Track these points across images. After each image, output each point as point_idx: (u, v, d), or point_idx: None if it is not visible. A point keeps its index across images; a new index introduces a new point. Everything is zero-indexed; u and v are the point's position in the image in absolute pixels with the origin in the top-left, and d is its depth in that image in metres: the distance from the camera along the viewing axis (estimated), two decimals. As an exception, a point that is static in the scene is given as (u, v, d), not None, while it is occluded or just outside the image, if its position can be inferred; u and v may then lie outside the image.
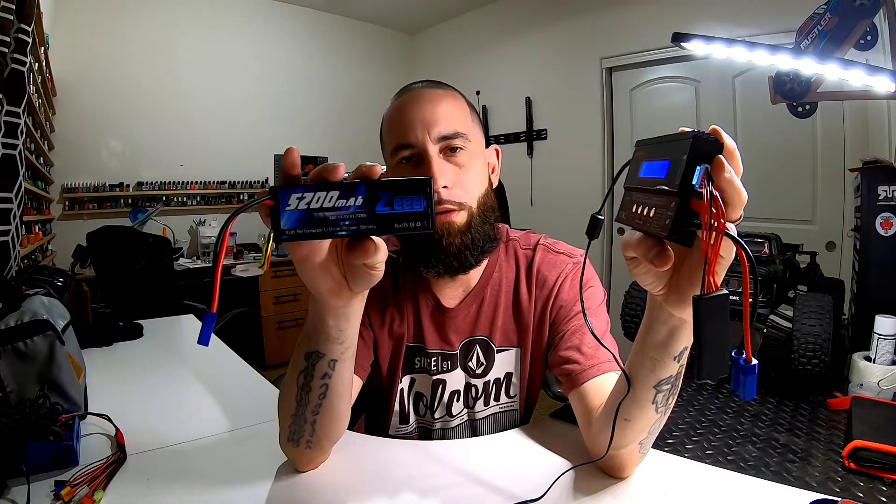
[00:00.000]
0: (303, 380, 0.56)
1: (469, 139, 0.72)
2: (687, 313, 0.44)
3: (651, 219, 0.39)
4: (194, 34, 3.63)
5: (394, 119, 0.74)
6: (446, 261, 0.72)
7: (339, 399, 0.59)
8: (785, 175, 2.60)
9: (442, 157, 0.70)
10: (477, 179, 0.73)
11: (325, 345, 0.53)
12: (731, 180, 0.35)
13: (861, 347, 0.98)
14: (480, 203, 0.73)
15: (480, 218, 0.73)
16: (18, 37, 1.30)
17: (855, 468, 0.68)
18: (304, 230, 0.41)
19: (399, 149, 0.72)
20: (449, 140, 0.71)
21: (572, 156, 3.49)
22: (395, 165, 0.73)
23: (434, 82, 0.77)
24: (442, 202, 0.69)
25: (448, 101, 0.73)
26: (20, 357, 0.75)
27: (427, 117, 0.70)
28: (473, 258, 0.73)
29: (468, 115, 0.75)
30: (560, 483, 0.61)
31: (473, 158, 0.73)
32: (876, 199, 1.10)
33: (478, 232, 0.72)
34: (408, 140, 0.70)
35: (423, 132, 0.70)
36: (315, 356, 0.54)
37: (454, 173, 0.71)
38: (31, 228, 2.22)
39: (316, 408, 0.57)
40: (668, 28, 1.21)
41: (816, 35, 1.38)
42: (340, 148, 4.09)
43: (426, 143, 0.70)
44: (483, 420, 0.83)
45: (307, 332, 0.54)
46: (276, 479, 0.64)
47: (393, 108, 0.75)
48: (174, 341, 1.41)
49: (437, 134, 0.70)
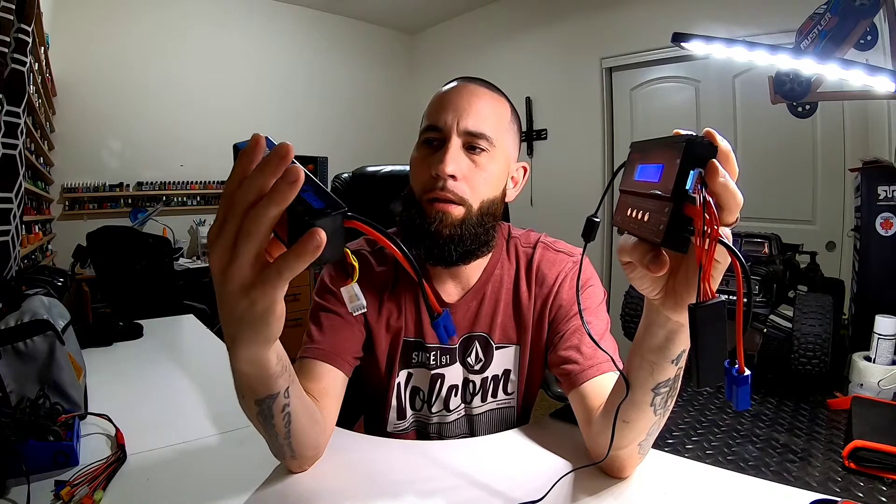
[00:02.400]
0: (263, 420, 0.54)
1: (494, 145, 0.73)
2: (684, 317, 0.43)
3: (645, 224, 0.39)
4: (194, 34, 3.63)
5: (434, 101, 0.76)
6: (429, 246, 0.72)
7: (306, 416, 0.59)
8: (785, 175, 2.60)
9: (461, 150, 0.72)
10: (487, 183, 0.73)
11: (273, 384, 0.50)
12: (726, 184, 0.35)
13: (861, 347, 0.98)
14: (483, 206, 0.73)
15: (477, 220, 0.73)
16: (18, 37, 1.30)
17: (855, 468, 0.68)
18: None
19: (427, 129, 0.74)
20: (473, 138, 0.72)
21: (572, 156, 3.49)
22: (417, 146, 0.76)
23: (487, 83, 0.78)
24: (445, 190, 0.70)
25: (488, 102, 0.74)
26: (20, 357, 0.75)
27: (461, 108, 0.72)
28: (457, 254, 0.73)
29: (504, 124, 0.76)
30: (560, 483, 0.61)
31: (492, 163, 0.73)
32: (876, 199, 1.10)
33: (469, 231, 0.72)
34: (437, 123, 0.72)
35: (453, 120, 0.71)
36: (268, 400, 0.52)
37: (467, 168, 0.72)
38: (31, 228, 2.22)
39: (287, 434, 0.57)
40: (668, 28, 1.21)
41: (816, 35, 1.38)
42: (340, 148, 4.09)
43: (451, 131, 0.71)
44: (480, 416, 0.84)
45: (248, 386, 0.50)
46: (275, 479, 0.64)
47: (439, 92, 0.77)
48: (174, 341, 1.41)
49: (464, 127, 0.71)
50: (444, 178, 0.70)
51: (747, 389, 0.36)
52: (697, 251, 0.35)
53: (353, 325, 0.76)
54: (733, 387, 0.36)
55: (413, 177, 0.75)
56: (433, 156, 0.72)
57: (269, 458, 0.64)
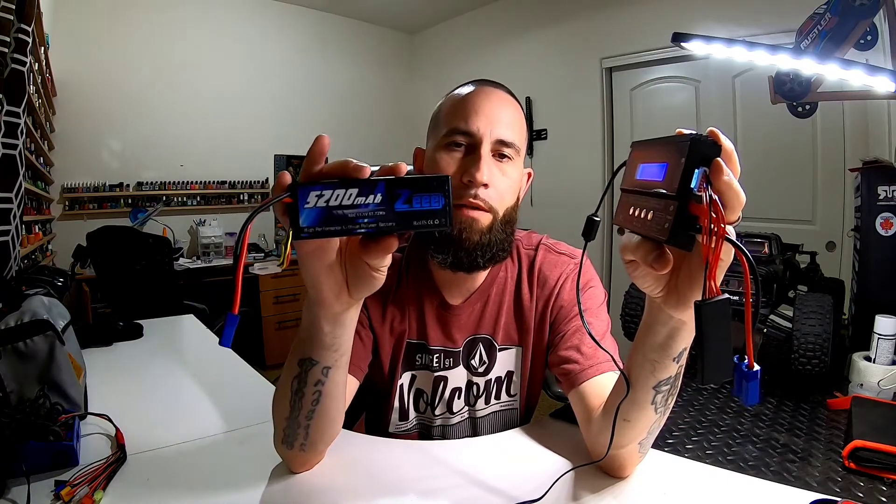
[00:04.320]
0: (296, 385, 0.56)
1: (518, 154, 0.74)
2: (686, 315, 0.44)
3: (649, 222, 0.39)
4: (194, 34, 3.63)
5: (460, 104, 0.73)
6: (458, 255, 0.72)
7: (333, 404, 0.59)
8: (785, 175, 2.60)
9: (492, 158, 0.71)
10: (511, 191, 0.74)
11: (320, 352, 0.53)
12: (730, 183, 0.35)
13: (861, 347, 0.98)
14: (507, 213, 0.74)
15: (502, 227, 0.73)
16: (18, 37, 1.30)
17: (855, 468, 0.68)
18: (322, 228, 0.40)
19: (454, 132, 0.71)
20: (504, 147, 0.71)
21: (572, 156, 3.49)
22: (442, 146, 0.73)
23: (505, 87, 0.78)
24: (477, 198, 0.70)
25: (514, 112, 0.74)
26: (20, 357, 0.75)
27: (494, 116, 0.71)
28: (483, 261, 0.73)
29: (524, 133, 0.77)
30: (560, 483, 0.61)
31: (515, 171, 0.74)
32: (876, 199, 1.10)
33: (496, 238, 0.72)
34: (469, 128, 0.71)
35: (486, 127, 0.70)
36: (309, 363, 0.54)
37: (497, 177, 0.71)
38: (31, 228, 2.22)
39: (310, 413, 0.57)
40: (668, 28, 1.21)
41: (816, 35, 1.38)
42: (340, 147, 4.08)
43: (484, 138, 0.70)
44: (483, 418, 0.84)
45: (301, 338, 0.54)
46: (275, 479, 0.64)
47: (461, 94, 0.75)
48: (174, 341, 1.41)
49: (497, 135, 0.71)
50: (477, 186, 0.69)
51: (757, 385, 0.36)
52: (704, 249, 0.36)
53: (361, 331, 0.76)
54: (743, 382, 0.36)
55: None
56: (463, 160, 0.71)
57: (270, 457, 0.64)
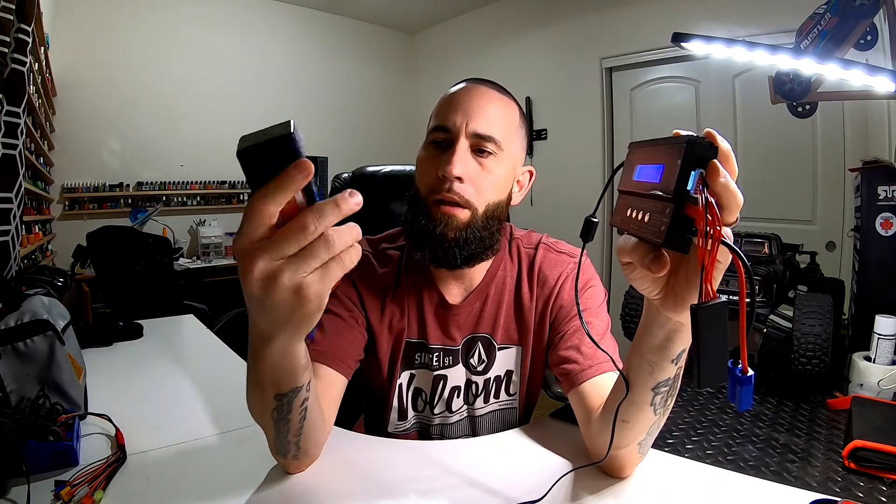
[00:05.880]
0: (279, 415, 0.53)
1: (502, 149, 0.73)
2: (684, 317, 0.43)
3: (646, 224, 0.39)
4: (194, 34, 3.63)
5: (443, 102, 0.75)
6: (434, 249, 0.72)
7: (318, 412, 0.59)
8: (785, 175, 2.60)
9: (469, 152, 0.71)
10: (493, 186, 0.73)
11: (301, 375, 0.50)
12: (727, 184, 0.35)
13: (861, 347, 0.98)
14: (489, 209, 0.73)
15: (482, 223, 0.72)
16: (18, 37, 1.30)
17: (855, 468, 0.68)
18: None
19: (435, 130, 0.73)
20: (481, 140, 0.71)
21: (572, 156, 3.49)
22: (424, 145, 0.76)
23: (497, 85, 0.78)
24: (451, 191, 0.70)
25: (498, 105, 0.74)
26: (20, 357, 0.75)
27: (471, 110, 0.71)
28: (461, 257, 0.72)
29: (513, 128, 0.76)
30: (560, 483, 0.61)
31: (499, 166, 0.73)
32: (876, 199, 1.10)
33: (473, 235, 0.72)
34: (445, 123, 0.72)
35: (462, 121, 0.71)
36: (291, 394, 0.52)
37: (474, 170, 0.71)
38: (31, 228, 2.22)
39: (299, 430, 0.57)
40: (668, 28, 1.21)
41: (816, 35, 1.38)
42: (340, 148, 4.09)
43: (460, 132, 0.71)
44: (482, 417, 0.84)
45: (273, 381, 0.50)
46: (275, 479, 0.64)
47: (448, 92, 0.76)
48: (174, 341, 1.41)
49: (472, 129, 0.71)
50: (451, 180, 0.69)
51: (751, 389, 0.36)
52: (700, 252, 0.35)
53: (354, 328, 0.75)
54: (736, 387, 0.36)
55: (419, 177, 0.75)
56: (440, 156, 0.71)
57: (269, 457, 0.64)
